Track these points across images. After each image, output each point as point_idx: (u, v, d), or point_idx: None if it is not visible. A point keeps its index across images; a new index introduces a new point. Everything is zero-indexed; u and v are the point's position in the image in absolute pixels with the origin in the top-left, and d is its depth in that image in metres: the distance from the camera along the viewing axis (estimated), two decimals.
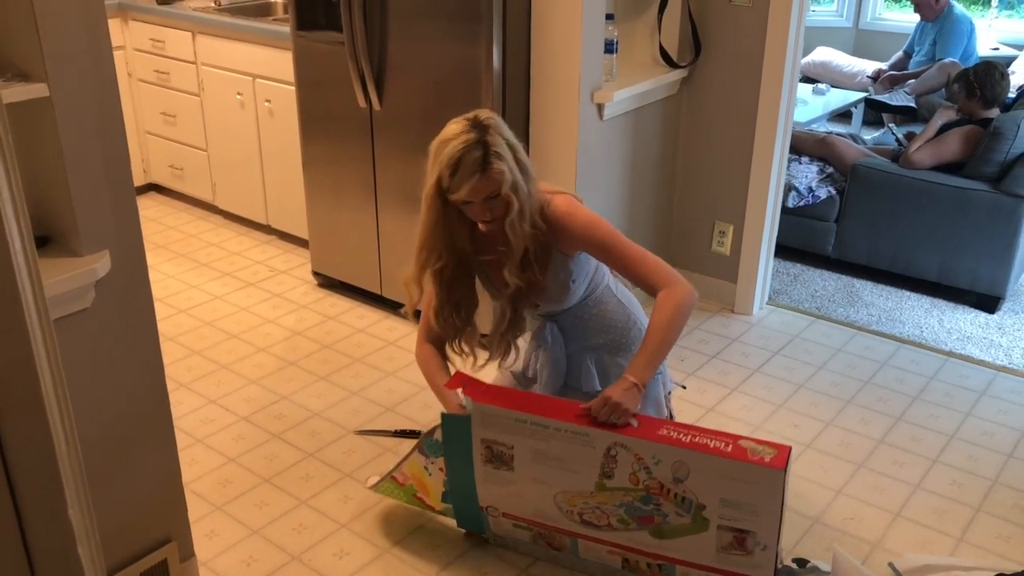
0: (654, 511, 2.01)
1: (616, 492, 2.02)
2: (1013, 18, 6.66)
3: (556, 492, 2.09)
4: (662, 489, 1.97)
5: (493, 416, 2.07)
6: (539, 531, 2.20)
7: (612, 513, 2.06)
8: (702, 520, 1.97)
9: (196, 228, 4.30)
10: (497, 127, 2.08)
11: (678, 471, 1.95)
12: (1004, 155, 3.55)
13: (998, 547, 2.34)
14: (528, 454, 2.07)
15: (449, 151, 2.05)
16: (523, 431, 2.05)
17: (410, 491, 2.34)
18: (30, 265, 1.00)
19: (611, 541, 2.11)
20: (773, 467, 1.86)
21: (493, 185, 2.05)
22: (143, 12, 4.20)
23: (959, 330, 3.48)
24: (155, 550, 2.04)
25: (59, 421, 1.02)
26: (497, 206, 2.09)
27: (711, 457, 1.90)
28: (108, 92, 1.72)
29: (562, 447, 2.03)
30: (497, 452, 2.11)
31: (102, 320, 1.81)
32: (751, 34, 3.17)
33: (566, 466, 2.05)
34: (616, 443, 1.98)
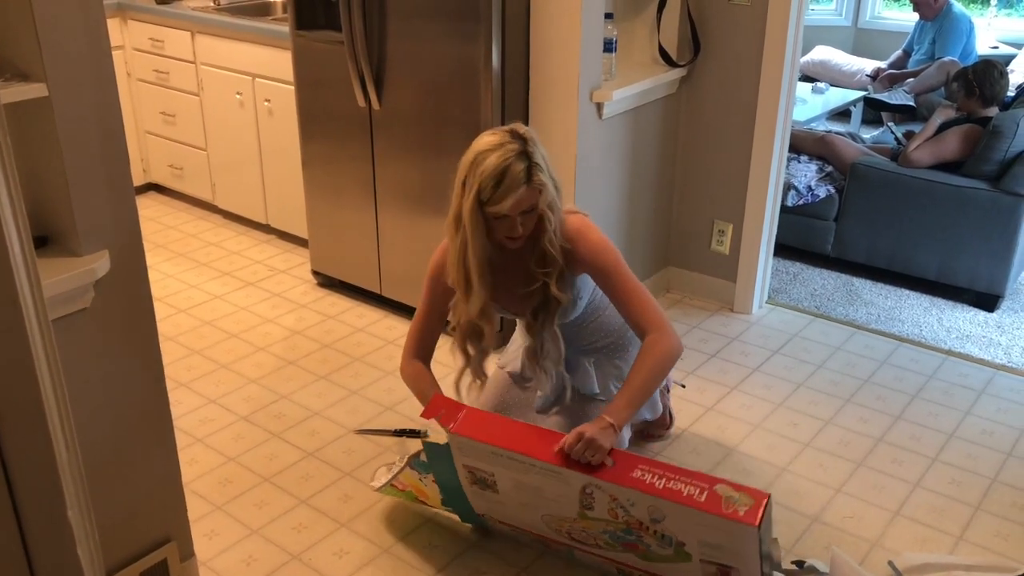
0: (637, 540, 1.99)
1: (598, 521, 2.00)
2: (1012, 17, 6.66)
3: (543, 514, 2.09)
4: (641, 525, 1.94)
5: (469, 447, 2.05)
6: (533, 537, 2.22)
7: (598, 537, 2.05)
8: (684, 554, 1.94)
9: (196, 228, 4.30)
10: (535, 140, 2.03)
11: (654, 513, 1.91)
12: (1003, 154, 3.55)
13: (997, 545, 2.34)
14: (509, 482, 2.06)
15: (492, 163, 1.97)
16: (500, 463, 2.03)
17: (411, 496, 2.36)
18: (28, 266, 1.00)
19: (602, 555, 2.11)
20: (746, 523, 1.77)
21: (534, 198, 2.00)
22: (142, 12, 4.19)
23: (958, 328, 3.48)
24: (155, 550, 2.04)
25: (58, 422, 1.02)
26: (530, 221, 2.05)
27: (684, 508, 1.83)
28: (107, 92, 1.72)
29: (540, 480, 2.01)
30: (480, 477, 2.10)
31: (101, 320, 1.81)
32: (750, 33, 3.17)
33: (547, 495, 2.04)
34: (590, 483, 1.95)
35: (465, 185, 2.02)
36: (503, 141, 2.00)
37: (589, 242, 2.14)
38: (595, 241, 2.15)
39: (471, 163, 2.02)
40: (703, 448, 2.71)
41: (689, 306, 3.57)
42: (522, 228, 2.05)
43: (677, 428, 2.79)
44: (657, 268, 3.61)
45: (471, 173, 2.00)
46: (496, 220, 2.04)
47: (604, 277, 2.16)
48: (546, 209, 2.03)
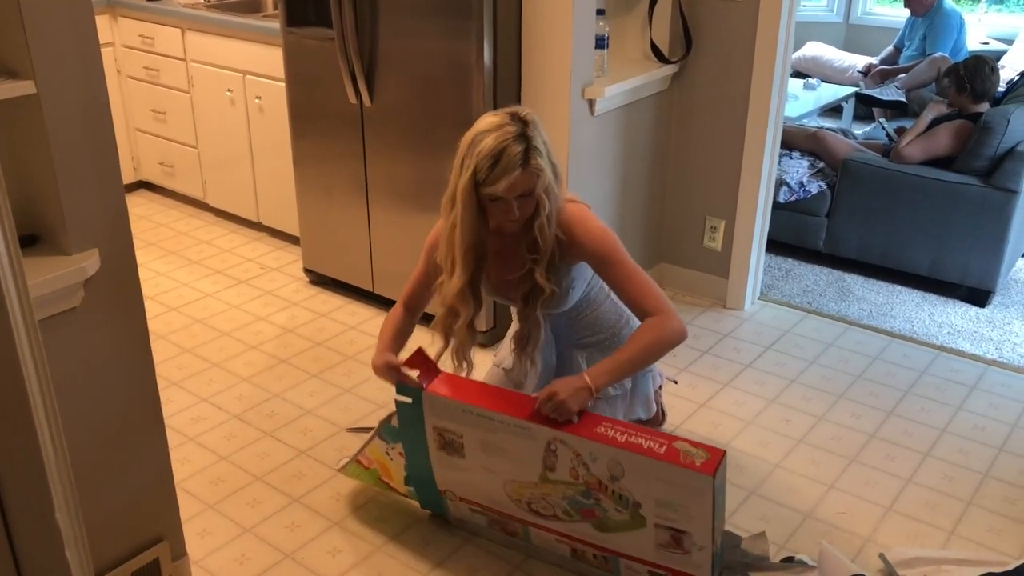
0: (594, 506, 2.01)
1: (559, 485, 2.03)
2: (1002, 13, 6.68)
3: (505, 481, 2.11)
4: (600, 485, 1.97)
5: (441, 405, 2.10)
6: (492, 517, 2.23)
7: (557, 505, 2.07)
8: (640, 517, 1.97)
9: (187, 226, 4.28)
10: (536, 123, 2.02)
11: (613, 469, 1.94)
12: (994, 149, 3.56)
13: (989, 540, 2.35)
14: (477, 443, 2.09)
15: (490, 143, 1.96)
16: (469, 421, 2.07)
17: (375, 474, 2.37)
18: (14, 265, 0.99)
19: (559, 531, 2.12)
20: (702, 472, 1.84)
21: (531, 181, 1.99)
22: (132, 8, 4.17)
23: (950, 324, 3.49)
24: (147, 549, 2.03)
25: (46, 423, 1.01)
26: (526, 205, 2.03)
27: (643, 458, 1.89)
28: (97, 89, 1.71)
29: (506, 439, 2.05)
30: (448, 439, 2.13)
31: (91, 319, 1.80)
32: (742, 29, 3.17)
33: (511, 457, 2.06)
34: (555, 438, 1.99)
35: (463, 165, 2.01)
36: (503, 123, 1.99)
37: (587, 230, 2.13)
38: (593, 228, 2.13)
39: (470, 143, 2.01)
40: None
41: (681, 302, 3.57)
42: (519, 212, 2.03)
43: (670, 424, 2.79)
44: (649, 264, 3.61)
45: (469, 153, 2.00)
46: (492, 202, 2.03)
47: (603, 265, 2.15)
48: (542, 194, 2.02)
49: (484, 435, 2.07)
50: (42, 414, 1.02)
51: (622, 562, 2.08)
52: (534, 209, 2.05)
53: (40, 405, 1.01)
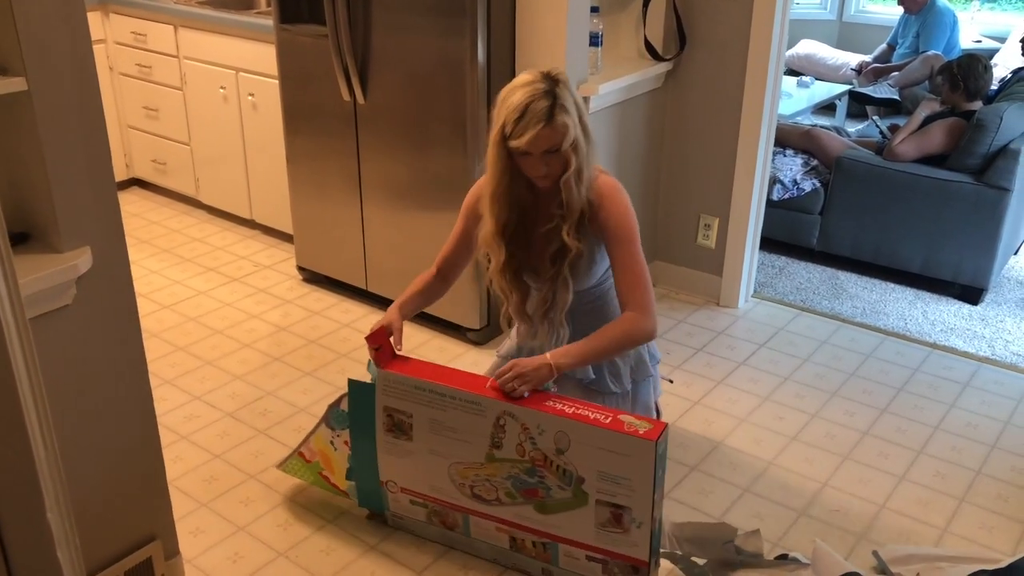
0: (538, 484, 2.06)
1: (504, 463, 2.08)
2: (995, 11, 6.70)
3: (450, 463, 2.15)
4: (545, 460, 2.03)
5: (395, 383, 2.15)
6: (434, 507, 2.24)
7: (500, 486, 2.11)
8: (582, 494, 2.02)
9: (179, 223, 4.27)
10: (567, 83, 2.09)
11: (560, 441, 2.00)
12: (987, 147, 3.56)
13: (982, 537, 2.35)
14: (426, 423, 2.14)
15: (517, 98, 2.04)
16: (421, 399, 2.13)
17: (316, 468, 2.39)
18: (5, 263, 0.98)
19: (499, 517, 2.15)
20: (645, 438, 1.91)
21: (556, 137, 2.05)
22: (124, 5, 4.16)
23: (943, 322, 3.50)
24: (139, 548, 2.03)
25: (36, 422, 1.01)
26: (555, 162, 2.09)
27: (589, 427, 1.96)
28: (88, 86, 1.70)
29: (456, 416, 2.10)
30: (397, 420, 2.18)
31: (84, 317, 1.79)
32: (736, 27, 3.17)
33: (459, 436, 2.11)
34: (505, 412, 2.04)
35: (496, 117, 2.11)
36: (534, 80, 2.06)
37: (616, 204, 2.18)
38: (621, 204, 2.19)
39: (501, 99, 2.10)
40: (690, 442, 2.71)
41: (675, 300, 3.58)
42: (546, 167, 2.09)
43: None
44: None
45: (499, 108, 2.09)
46: (521, 156, 2.10)
47: (615, 241, 2.19)
48: (569, 151, 2.07)
49: (434, 413, 2.12)
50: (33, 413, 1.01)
51: (561, 549, 2.10)
52: (563, 166, 2.10)
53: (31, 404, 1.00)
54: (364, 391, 2.21)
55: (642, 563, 2.01)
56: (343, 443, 2.31)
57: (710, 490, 2.51)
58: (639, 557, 2.01)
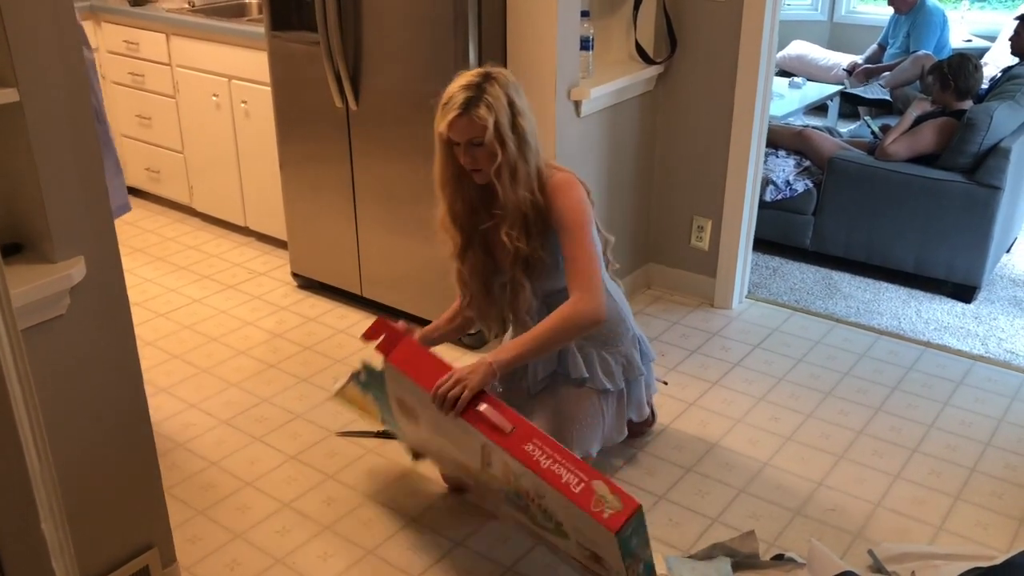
0: (526, 507, 2.02)
1: (495, 479, 2.06)
2: (985, 10, 6.73)
3: (455, 459, 2.20)
4: (528, 495, 1.97)
5: (400, 380, 2.16)
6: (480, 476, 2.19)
7: (497, 492, 2.11)
8: (563, 532, 1.96)
9: (173, 231, 4.27)
10: (505, 84, 2.15)
11: (538, 490, 1.91)
12: (978, 146, 3.58)
13: (977, 535, 2.36)
14: (430, 422, 2.15)
15: (449, 89, 2.16)
16: (421, 400, 2.11)
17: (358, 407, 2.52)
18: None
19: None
20: (606, 527, 1.77)
21: (474, 128, 2.11)
22: (116, 14, 4.16)
23: (936, 320, 3.51)
24: (136, 556, 2.03)
25: (30, 432, 1.01)
26: (480, 155, 2.15)
27: (558, 493, 1.84)
28: (80, 95, 1.71)
29: (450, 427, 2.07)
30: (408, 408, 2.22)
31: (78, 326, 1.79)
32: (726, 29, 3.18)
33: (455, 443, 2.14)
34: (487, 444, 1.99)
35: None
36: (469, 74, 2.17)
37: (564, 196, 2.23)
38: (570, 195, 2.24)
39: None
40: (685, 443, 2.72)
41: (669, 302, 3.58)
42: (470, 158, 2.16)
43: (659, 424, 2.80)
44: (637, 265, 3.62)
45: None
46: (456, 148, 2.18)
47: (562, 231, 2.23)
48: (495, 144, 2.12)
49: (435, 416, 2.09)
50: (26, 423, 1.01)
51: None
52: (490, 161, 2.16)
53: (24, 415, 1.00)
54: (376, 378, 2.27)
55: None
56: (371, 400, 2.38)
57: (706, 491, 2.52)
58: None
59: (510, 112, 2.14)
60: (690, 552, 2.29)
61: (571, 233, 2.21)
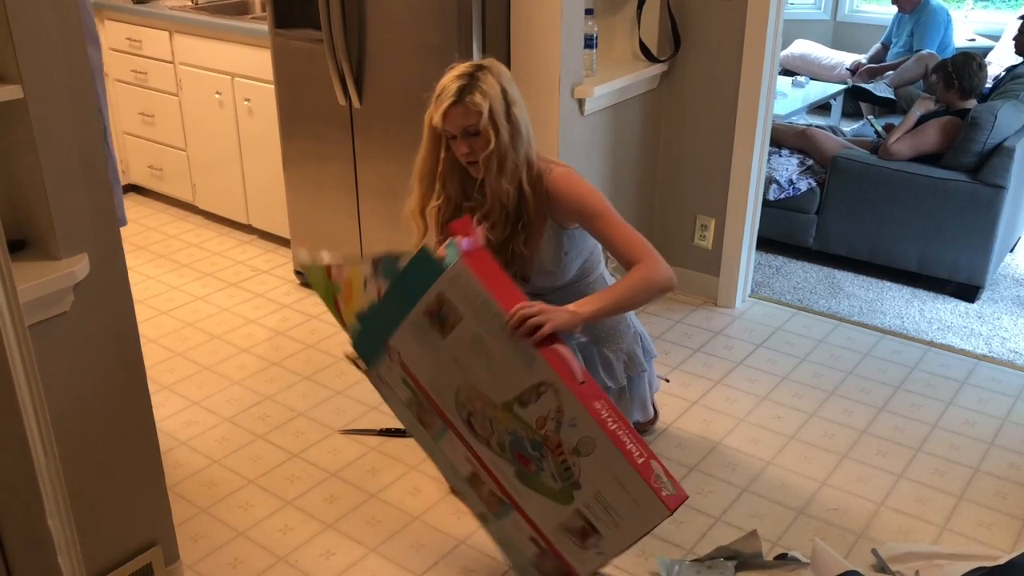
0: (535, 459, 1.91)
1: (517, 421, 1.92)
2: (989, 9, 6.72)
3: (467, 383, 1.98)
4: (557, 447, 1.88)
5: (467, 283, 1.94)
6: (422, 399, 2.05)
7: (499, 433, 1.95)
8: (569, 496, 1.88)
9: (176, 229, 4.27)
10: (498, 74, 2.14)
11: (583, 445, 1.85)
12: (982, 145, 3.57)
13: (980, 534, 2.36)
14: (469, 336, 1.94)
15: (442, 80, 2.14)
16: (482, 313, 1.92)
17: (333, 289, 2.20)
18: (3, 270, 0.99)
19: (476, 452, 2.00)
20: (664, 503, 1.78)
21: (469, 116, 2.09)
22: (119, 12, 4.16)
23: (940, 320, 3.51)
24: (140, 554, 2.03)
25: (36, 429, 1.01)
26: (478, 145, 2.13)
27: (619, 455, 1.81)
28: (84, 93, 1.70)
29: (503, 352, 1.92)
30: (444, 313, 1.97)
31: (81, 324, 1.79)
32: (730, 28, 3.18)
33: (493, 369, 1.94)
34: (551, 385, 1.87)
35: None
36: (464, 66, 2.16)
37: (573, 188, 2.21)
38: (579, 185, 2.22)
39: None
40: (688, 442, 2.72)
41: (672, 301, 3.58)
42: (468, 149, 2.14)
43: (662, 423, 2.79)
44: None
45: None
46: (451, 142, 2.17)
47: (590, 220, 2.20)
48: (487, 130, 2.10)
49: (484, 334, 1.93)
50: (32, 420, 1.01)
51: (513, 514, 1.98)
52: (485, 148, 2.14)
53: (31, 411, 1.00)
54: (430, 268, 1.97)
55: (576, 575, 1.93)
56: (376, 290, 2.08)
57: (709, 490, 2.51)
58: (578, 571, 1.92)
59: (504, 100, 2.12)
60: (694, 555, 2.28)
61: (602, 219, 2.18)
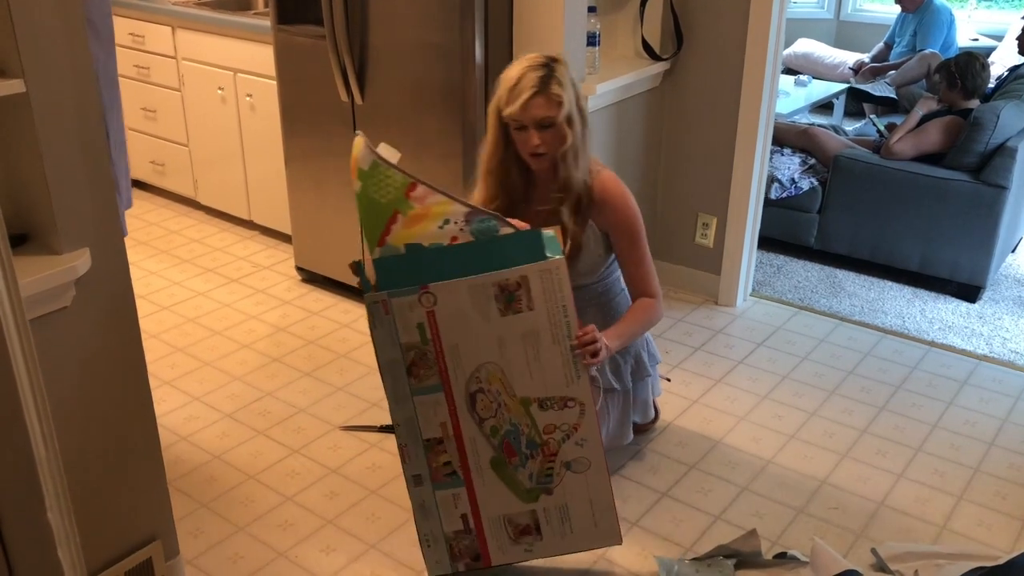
0: (524, 456, 2.02)
1: (526, 419, 1.99)
2: (992, 9, 6.71)
3: (496, 364, 1.97)
4: (551, 455, 2.01)
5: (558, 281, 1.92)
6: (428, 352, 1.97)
7: (499, 419, 1.99)
8: (534, 497, 2.05)
9: (178, 224, 4.27)
10: (565, 64, 2.14)
11: (578, 464, 2.03)
12: (984, 145, 3.57)
13: (980, 535, 2.36)
14: (529, 327, 1.93)
15: (514, 70, 2.11)
16: (554, 315, 1.94)
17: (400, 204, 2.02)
18: (4, 264, 0.99)
19: (459, 422, 2.00)
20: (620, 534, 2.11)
21: (551, 107, 2.07)
22: (122, 6, 4.16)
23: (941, 320, 3.51)
24: (140, 549, 2.03)
25: (37, 423, 1.01)
26: (550, 137, 2.11)
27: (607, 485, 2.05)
28: (86, 87, 1.70)
29: (552, 356, 1.95)
30: (512, 295, 1.92)
31: (83, 318, 1.79)
32: (733, 26, 3.18)
33: (533, 366, 1.96)
34: (581, 404, 1.98)
35: (494, 93, 2.17)
36: (533, 57, 2.13)
37: (624, 200, 2.26)
38: (631, 201, 2.29)
39: (501, 76, 2.16)
40: (689, 441, 2.72)
41: (673, 299, 3.58)
42: (539, 141, 2.11)
43: (663, 421, 2.79)
44: None
45: (498, 81, 2.15)
46: (517, 132, 2.13)
47: (627, 239, 2.27)
48: (565, 125, 2.10)
49: (544, 333, 1.94)
50: (33, 414, 1.01)
51: (458, 489, 2.05)
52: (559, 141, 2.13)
53: (31, 405, 1.01)
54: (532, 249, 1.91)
55: (487, 560, 2.11)
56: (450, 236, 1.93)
57: (709, 489, 2.51)
58: (491, 558, 2.10)
59: (574, 92, 2.13)
60: (693, 554, 2.28)
61: (636, 240, 2.28)
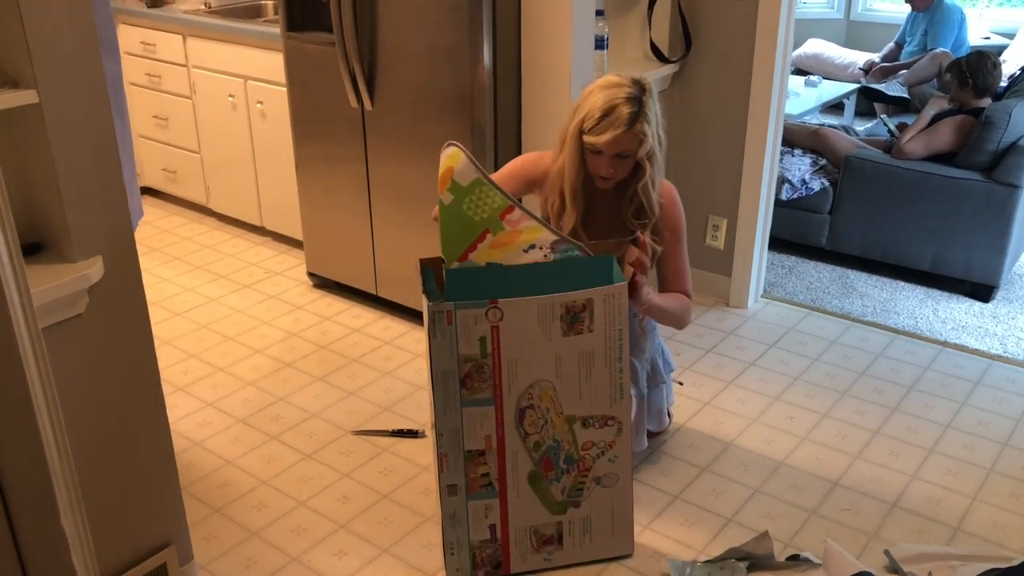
0: (559, 471, 2.13)
1: (569, 435, 2.11)
2: (1004, 7, 6.67)
3: (550, 382, 2.06)
4: (585, 471, 2.14)
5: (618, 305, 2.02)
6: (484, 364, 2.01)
7: (543, 435, 2.11)
8: (563, 510, 2.17)
9: (190, 231, 4.29)
10: (652, 94, 2.16)
11: (607, 479, 2.16)
12: (996, 144, 3.55)
13: (994, 535, 2.34)
14: (586, 348, 2.05)
15: (606, 96, 2.10)
16: (610, 338, 2.05)
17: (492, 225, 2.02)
18: (17, 273, 1.00)
19: (503, 437, 2.07)
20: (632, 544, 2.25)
21: (632, 144, 2.12)
22: (133, 15, 4.19)
23: (954, 320, 3.49)
24: (154, 554, 2.04)
25: (50, 430, 1.02)
26: (622, 167, 2.16)
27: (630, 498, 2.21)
28: (98, 97, 1.72)
29: (601, 377, 2.07)
30: (576, 316, 2.01)
31: (96, 326, 1.81)
32: (742, 27, 3.17)
33: (583, 386, 2.08)
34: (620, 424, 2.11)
35: (576, 110, 2.16)
36: (623, 83, 2.13)
37: (677, 205, 2.34)
38: (680, 206, 2.35)
39: (588, 92, 2.16)
40: (701, 443, 2.71)
41: None
42: (612, 169, 2.15)
43: (675, 424, 2.79)
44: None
45: (584, 100, 2.15)
46: (591, 154, 2.16)
47: (675, 241, 2.34)
48: (644, 159, 2.15)
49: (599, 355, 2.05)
50: (47, 421, 1.02)
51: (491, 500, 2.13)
52: (630, 174, 2.18)
53: (44, 412, 1.02)
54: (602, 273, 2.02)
55: (507, 568, 2.19)
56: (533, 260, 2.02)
57: (721, 491, 2.51)
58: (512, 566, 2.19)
59: (657, 124, 2.17)
60: (706, 556, 2.28)
61: (681, 244, 2.35)
